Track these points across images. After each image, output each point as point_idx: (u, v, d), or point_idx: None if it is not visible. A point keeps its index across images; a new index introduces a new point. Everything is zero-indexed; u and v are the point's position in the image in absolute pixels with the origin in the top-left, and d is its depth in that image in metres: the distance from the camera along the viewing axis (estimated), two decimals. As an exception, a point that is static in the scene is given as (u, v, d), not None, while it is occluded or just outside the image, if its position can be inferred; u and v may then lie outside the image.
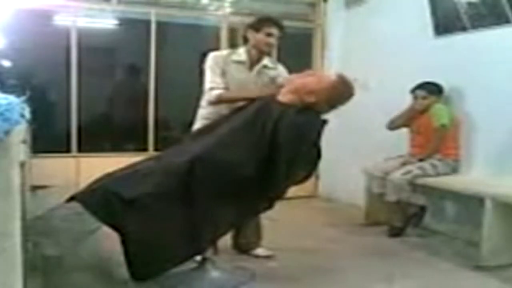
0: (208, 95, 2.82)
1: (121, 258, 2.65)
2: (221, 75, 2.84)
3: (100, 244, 3.06)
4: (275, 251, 3.15)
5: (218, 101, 2.81)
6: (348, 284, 2.76)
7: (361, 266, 3.04)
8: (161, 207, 2.30)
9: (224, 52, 2.99)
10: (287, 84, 2.67)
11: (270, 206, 2.51)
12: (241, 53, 2.92)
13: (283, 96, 2.59)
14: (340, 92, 2.59)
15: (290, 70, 3.01)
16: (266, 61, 2.95)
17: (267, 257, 3.11)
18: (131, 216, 2.28)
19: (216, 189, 2.32)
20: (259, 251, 3.15)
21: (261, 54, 2.91)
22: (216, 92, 2.79)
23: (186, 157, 2.37)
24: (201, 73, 2.94)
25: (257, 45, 2.87)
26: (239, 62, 2.90)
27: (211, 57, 2.89)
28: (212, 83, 2.82)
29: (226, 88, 2.83)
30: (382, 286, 2.73)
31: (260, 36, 2.84)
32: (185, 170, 2.32)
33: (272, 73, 2.95)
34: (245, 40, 2.93)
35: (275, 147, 2.37)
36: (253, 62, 2.92)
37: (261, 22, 2.87)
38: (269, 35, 2.83)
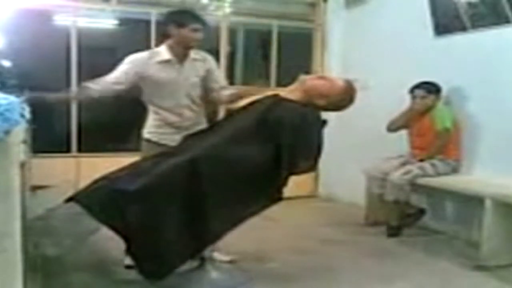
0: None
1: (121, 258, 2.64)
2: (131, 75, 2.73)
3: (100, 244, 3.06)
4: (274, 251, 3.14)
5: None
6: (348, 285, 2.76)
7: (360, 266, 3.04)
8: (165, 199, 2.26)
9: (144, 54, 2.77)
10: (298, 82, 2.66)
11: (273, 200, 2.48)
12: (163, 52, 2.74)
13: (291, 93, 2.59)
14: (348, 99, 2.63)
15: (290, 70, 2.99)
16: (193, 54, 2.77)
17: (229, 262, 2.92)
18: (135, 210, 2.22)
19: (220, 185, 2.30)
20: (216, 254, 2.86)
21: (188, 50, 2.73)
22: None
23: (188, 155, 2.35)
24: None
25: (184, 42, 2.69)
26: (164, 62, 2.72)
27: (127, 59, 2.75)
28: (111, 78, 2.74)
29: (121, 83, 2.75)
30: (382, 286, 2.74)
31: (186, 32, 2.66)
32: (188, 166, 2.30)
33: (203, 66, 2.81)
34: (165, 36, 2.74)
35: (280, 132, 2.36)
36: (180, 59, 2.74)
37: (185, 18, 2.70)
38: (195, 30, 2.67)
